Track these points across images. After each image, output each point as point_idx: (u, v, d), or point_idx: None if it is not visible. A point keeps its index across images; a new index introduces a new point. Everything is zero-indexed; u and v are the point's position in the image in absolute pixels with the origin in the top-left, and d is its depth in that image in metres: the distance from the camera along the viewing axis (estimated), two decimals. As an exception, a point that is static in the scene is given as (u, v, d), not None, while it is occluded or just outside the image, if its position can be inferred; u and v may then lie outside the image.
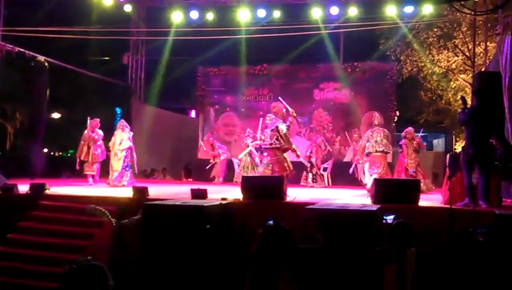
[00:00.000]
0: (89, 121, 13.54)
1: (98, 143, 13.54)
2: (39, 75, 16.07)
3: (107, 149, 13.56)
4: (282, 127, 11.17)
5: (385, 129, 12.96)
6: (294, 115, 11.67)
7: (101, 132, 13.68)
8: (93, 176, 13.49)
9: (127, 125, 13.77)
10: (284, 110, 11.75)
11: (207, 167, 16.71)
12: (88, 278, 2.72)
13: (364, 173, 13.62)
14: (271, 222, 5.74)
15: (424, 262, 5.26)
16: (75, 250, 8.05)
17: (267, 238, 4.54)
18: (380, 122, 13.08)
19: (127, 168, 13.32)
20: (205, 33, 17.59)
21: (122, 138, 13.33)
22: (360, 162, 13.89)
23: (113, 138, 13.46)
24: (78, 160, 13.55)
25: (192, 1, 17.55)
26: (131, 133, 13.62)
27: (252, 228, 7.02)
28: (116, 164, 13.17)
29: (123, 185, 12.81)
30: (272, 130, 11.20)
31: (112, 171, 13.15)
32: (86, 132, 13.53)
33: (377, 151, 12.49)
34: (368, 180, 12.43)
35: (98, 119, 13.68)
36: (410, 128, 13.71)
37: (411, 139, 13.32)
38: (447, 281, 6.49)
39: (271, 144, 11.11)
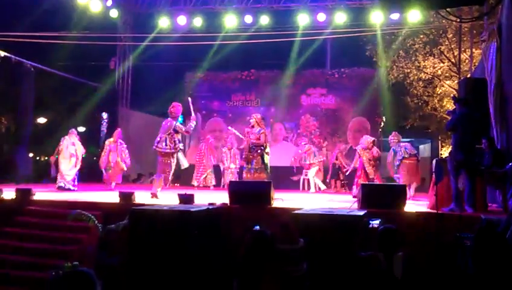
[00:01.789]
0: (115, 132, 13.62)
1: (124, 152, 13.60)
2: (25, 80, 16.00)
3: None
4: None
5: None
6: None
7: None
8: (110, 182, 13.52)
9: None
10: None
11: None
12: (75, 285, 2.71)
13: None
14: (257, 227, 5.74)
15: (411, 267, 5.27)
16: (61, 255, 7.98)
17: (251, 243, 4.55)
18: (399, 139, 13.33)
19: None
20: (192, 39, 17.61)
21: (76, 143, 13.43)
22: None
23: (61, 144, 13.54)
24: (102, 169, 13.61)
25: (180, 7, 17.55)
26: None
27: (239, 232, 7.01)
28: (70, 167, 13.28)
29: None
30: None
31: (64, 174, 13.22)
32: (108, 142, 13.55)
33: (410, 156, 12.83)
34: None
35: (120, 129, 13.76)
36: (368, 138, 13.63)
37: (366, 148, 13.30)
38: (434, 285, 6.53)
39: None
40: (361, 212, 7.18)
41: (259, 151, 11.25)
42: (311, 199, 12.51)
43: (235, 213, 8.66)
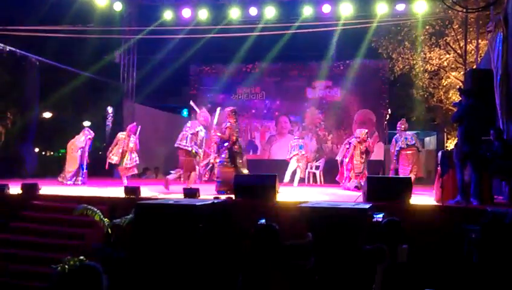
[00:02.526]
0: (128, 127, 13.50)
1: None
2: (30, 75, 16.01)
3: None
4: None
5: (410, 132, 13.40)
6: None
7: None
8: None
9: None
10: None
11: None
12: (82, 279, 2.70)
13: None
14: (263, 221, 5.74)
15: (416, 259, 5.26)
16: (67, 250, 8.00)
17: (258, 237, 4.54)
18: (406, 128, 13.39)
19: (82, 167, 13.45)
20: (197, 31, 17.57)
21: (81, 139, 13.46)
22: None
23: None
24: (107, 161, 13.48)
25: (185, -1, 17.53)
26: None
27: (244, 226, 7.01)
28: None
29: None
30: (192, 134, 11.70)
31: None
32: (122, 136, 13.42)
33: (408, 147, 12.85)
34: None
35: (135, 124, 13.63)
36: (363, 130, 13.55)
37: (362, 141, 13.24)
38: (439, 277, 6.50)
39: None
40: (367, 205, 7.17)
41: (225, 145, 11.21)
42: (316, 192, 12.50)
43: (240, 207, 8.66)
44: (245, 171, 11.23)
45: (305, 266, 5.07)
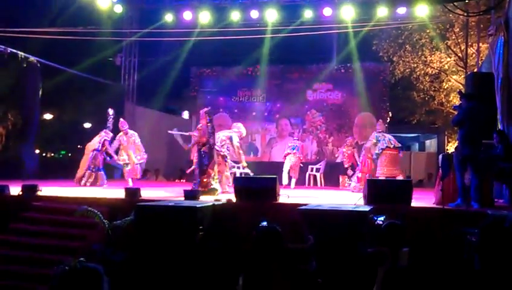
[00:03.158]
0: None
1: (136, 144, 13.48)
2: (31, 76, 16.02)
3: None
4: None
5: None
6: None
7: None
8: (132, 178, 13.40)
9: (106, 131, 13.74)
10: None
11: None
12: (83, 281, 2.70)
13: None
14: (265, 223, 5.73)
15: (417, 262, 5.25)
16: (67, 251, 8.00)
17: (259, 239, 4.53)
18: (384, 130, 13.55)
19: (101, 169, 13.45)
20: (198, 34, 17.58)
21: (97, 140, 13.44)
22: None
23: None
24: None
25: (186, 2, 17.51)
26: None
27: (244, 228, 7.00)
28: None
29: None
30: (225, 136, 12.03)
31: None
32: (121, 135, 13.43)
33: (394, 148, 12.93)
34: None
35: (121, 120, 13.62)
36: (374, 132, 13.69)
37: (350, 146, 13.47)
38: (440, 280, 6.49)
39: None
40: (367, 208, 7.17)
41: (197, 147, 11.45)
42: (316, 194, 12.50)
43: (240, 209, 8.66)
44: (212, 173, 11.43)
45: (307, 270, 5.07)
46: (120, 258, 7.39)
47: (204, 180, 11.04)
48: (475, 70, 14.94)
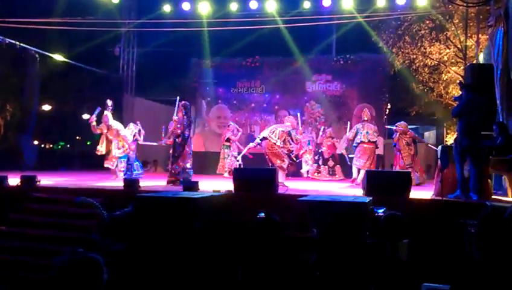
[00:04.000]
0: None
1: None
2: (30, 67, 15.99)
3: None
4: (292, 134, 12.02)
5: (374, 125, 13.60)
6: (297, 137, 12.48)
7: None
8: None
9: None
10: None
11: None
12: (83, 271, 2.69)
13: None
14: (262, 214, 5.72)
15: (416, 253, 5.26)
16: (66, 242, 8.00)
17: (257, 230, 4.52)
18: (369, 118, 13.51)
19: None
20: (197, 25, 17.52)
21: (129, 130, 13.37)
22: (342, 152, 15.42)
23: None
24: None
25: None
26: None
27: (243, 220, 7.00)
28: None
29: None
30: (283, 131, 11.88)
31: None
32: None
33: (369, 142, 13.00)
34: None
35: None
36: (402, 122, 13.76)
37: (402, 133, 13.38)
38: (439, 271, 6.50)
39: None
40: (367, 199, 7.17)
41: (172, 138, 11.88)
42: (314, 185, 12.52)
43: (239, 200, 8.65)
44: (187, 164, 11.79)
45: (307, 260, 5.07)
46: (119, 249, 7.39)
47: (173, 171, 11.54)
48: (474, 61, 14.91)
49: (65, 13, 16.54)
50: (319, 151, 16.26)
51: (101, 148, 12.98)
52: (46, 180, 10.70)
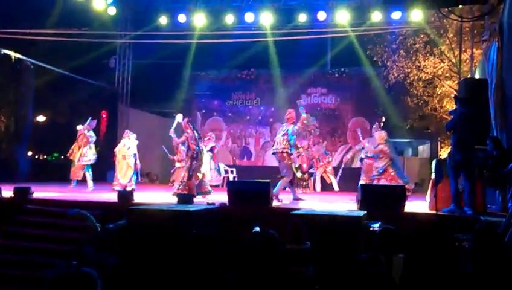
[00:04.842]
0: (89, 121, 13.47)
1: (90, 145, 13.41)
2: (25, 78, 15.95)
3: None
4: (290, 132, 11.34)
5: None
6: (305, 121, 11.70)
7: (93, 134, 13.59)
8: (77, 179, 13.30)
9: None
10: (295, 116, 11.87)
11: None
12: (78, 285, 2.67)
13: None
14: (257, 228, 5.71)
15: (411, 268, 5.25)
16: (59, 254, 7.96)
17: (255, 246, 4.51)
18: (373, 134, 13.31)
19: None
20: (193, 37, 17.55)
21: (130, 144, 13.25)
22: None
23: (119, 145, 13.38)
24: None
25: (180, 5, 17.48)
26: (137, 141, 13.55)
27: (238, 233, 6.98)
28: (127, 169, 13.09)
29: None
30: (283, 134, 11.23)
31: (119, 175, 13.02)
32: (82, 130, 13.37)
33: (367, 157, 13.07)
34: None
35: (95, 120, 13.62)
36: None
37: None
38: (433, 286, 6.49)
39: (283, 149, 11.10)
40: (361, 213, 7.16)
41: (188, 153, 11.97)
42: (309, 199, 12.49)
43: (234, 213, 8.64)
44: (199, 174, 12.06)
45: (303, 273, 5.05)
46: (112, 262, 7.35)
47: (193, 183, 11.64)
48: (468, 76, 14.96)
49: (60, 24, 16.55)
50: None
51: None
52: (39, 191, 10.65)
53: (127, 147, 13.11)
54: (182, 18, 17.28)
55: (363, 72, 18.69)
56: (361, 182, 12.63)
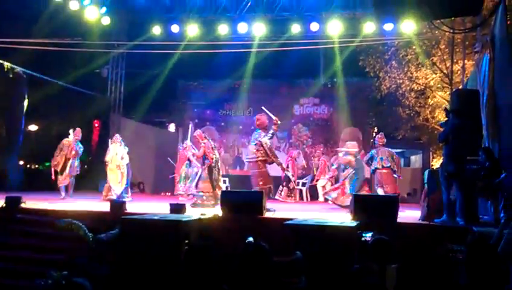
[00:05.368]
0: (72, 132, 13.40)
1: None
2: (17, 87, 15.91)
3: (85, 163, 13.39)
4: (266, 140, 11.11)
5: (390, 149, 13.28)
6: (278, 122, 11.53)
7: (81, 145, 13.56)
8: (66, 189, 13.26)
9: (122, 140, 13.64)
10: (267, 121, 11.62)
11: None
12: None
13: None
14: (250, 239, 5.69)
15: (404, 278, 5.25)
16: (51, 264, 7.89)
17: (247, 257, 4.49)
18: (384, 143, 13.31)
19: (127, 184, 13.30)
20: (186, 47, 17.56)
21: (122, 153, 13.21)
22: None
23: (108, 152, 13.31)
24: (53, 170, 13.31)
25: (174, 15, 17.49)
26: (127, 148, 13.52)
27: (230, 242, 6.95)
28: (121, 178, 13.03)
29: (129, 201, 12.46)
30: (256, 144, 11.11)
31: (113, 185, 12.95)
32: (66, 141, 13.32)
33: (383, 167, 12.79)
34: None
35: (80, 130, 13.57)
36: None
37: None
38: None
39: (257, 158, 11.10)
40: (354, 223, 7.16)
41: (205, 162, 12.21)
42: (302, 209, 12.49)
43: (226, 223, 8.62)
44: (221, 183, 12.27)
45: (295, 284, 5.03)
46: (105, 272, 7.31)
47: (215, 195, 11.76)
48: (460, 87, 15.04)
49: (54, 34, 16.53)
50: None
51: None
52: (31, 201, 10.59)
53: (120, 156, 13.08)
54: (175, 28, 17.28)
55: (356, 83, 18.77)
56: (380, 191, 12.59)
